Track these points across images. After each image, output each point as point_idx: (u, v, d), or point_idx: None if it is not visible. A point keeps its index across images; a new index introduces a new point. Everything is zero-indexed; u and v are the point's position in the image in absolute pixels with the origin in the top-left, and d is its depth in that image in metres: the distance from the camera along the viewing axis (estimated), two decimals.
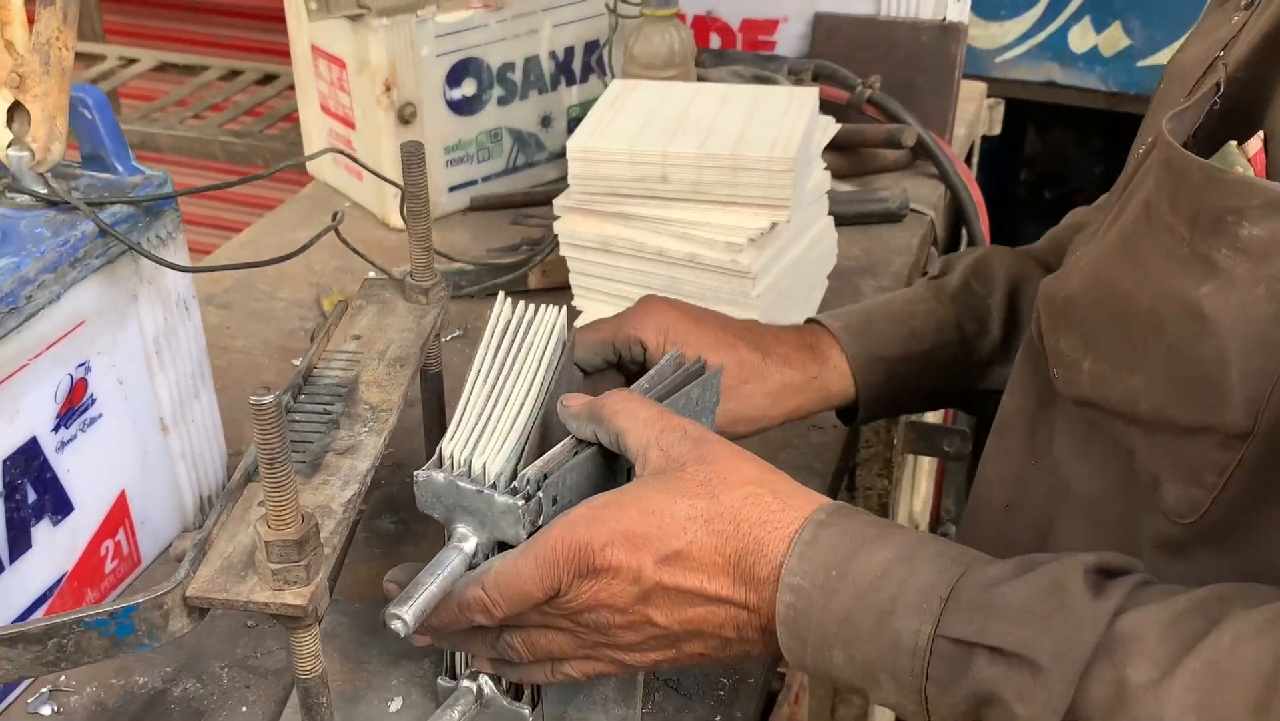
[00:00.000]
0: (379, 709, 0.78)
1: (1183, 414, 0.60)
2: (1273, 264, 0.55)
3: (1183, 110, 0.61)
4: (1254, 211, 0.55)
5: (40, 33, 0.77)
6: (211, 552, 0.64)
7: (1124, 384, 0.63)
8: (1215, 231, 0.57)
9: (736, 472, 0.67)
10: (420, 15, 1.31)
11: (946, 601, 0.59)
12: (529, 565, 0.66)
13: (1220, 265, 0.57)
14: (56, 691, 0.81)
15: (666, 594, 0.65)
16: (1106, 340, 0.65)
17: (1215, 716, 0.50)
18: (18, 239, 0.77)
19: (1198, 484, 0.60)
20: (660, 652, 0.68)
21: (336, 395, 0.75)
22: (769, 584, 0.64)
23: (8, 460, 0.77)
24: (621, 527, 0.65)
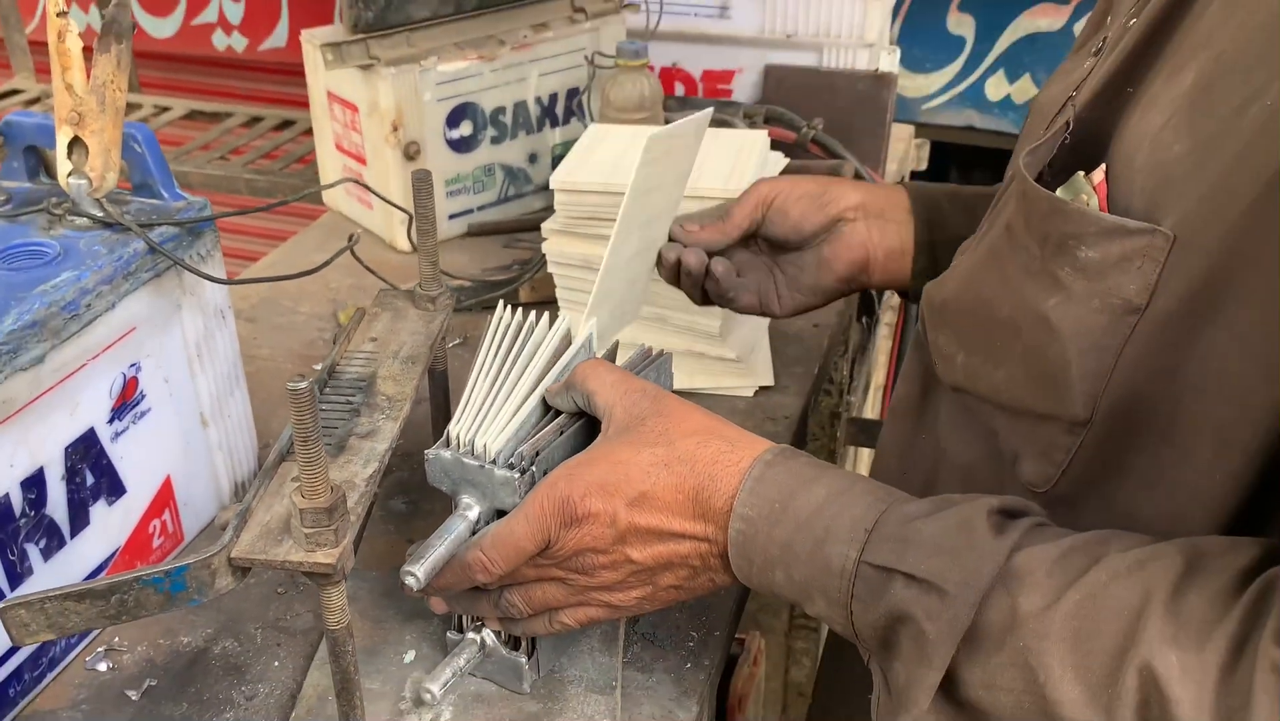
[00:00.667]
0: (395, 660, 0.79)
1: (1037, 404, 0.62)
2: (1105, 281, 0.57)
3: (1038, 145, 0.63)
4: (1090, 237, 0.57)
5: (97, 76, 0.78)
6: (252, 521, 0.65)
7: (989, 377, 0.66)
8: (1059, 252, 0.59)
9: (688, 421, 0.70)
10: (423, 65, 1.33)
11: (871, 532, 0.61)
12: (520, 523, 0.69)
13: (1063, 281, 0.59)
14: (111, 650, 0.82)
15: (639, 532, 0.68)
16: (975, 339, 0.67)
17: (1090, 642, 0.52)
18: (78, 255, 0.78)
19: (1049, 461, 0.62)
20: (640, 589, 0.70)
21: (357, 388, 0.76)
22: (723, 514, 0.66)
23: (69, 447, 0.78)
24: (595, 479, 0.68)
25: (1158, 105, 0.57)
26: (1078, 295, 0.58)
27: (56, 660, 0.80)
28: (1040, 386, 0.61)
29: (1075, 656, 0.52)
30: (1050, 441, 0.62)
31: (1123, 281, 0.56)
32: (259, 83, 2.64)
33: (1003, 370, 0.64)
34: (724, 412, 1.08)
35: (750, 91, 1.64)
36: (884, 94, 1.56)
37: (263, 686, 0.79)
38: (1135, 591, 0.52)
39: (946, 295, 0.72)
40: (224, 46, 2.61)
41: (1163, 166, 0.55)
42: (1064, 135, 0.62)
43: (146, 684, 0.79)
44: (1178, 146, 0.55)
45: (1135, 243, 0.55)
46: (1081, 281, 0.58)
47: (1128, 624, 0.51)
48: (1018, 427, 0.64)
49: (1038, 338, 0.60)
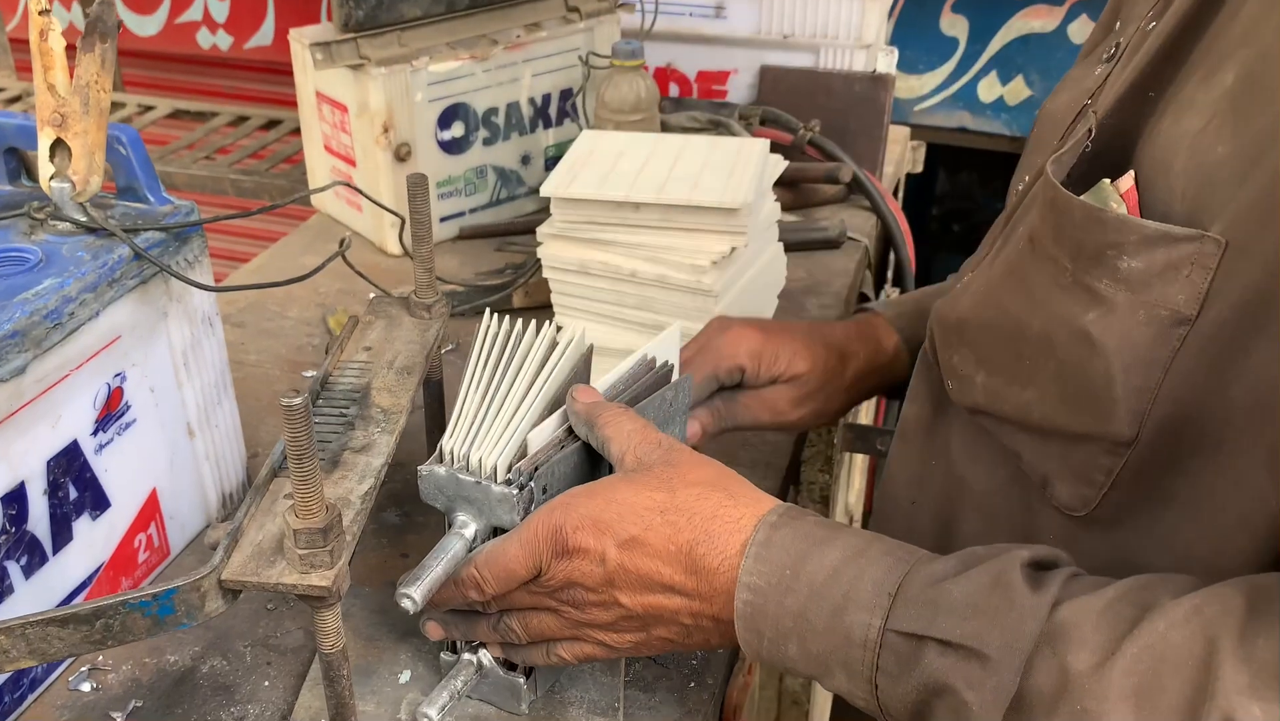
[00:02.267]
0: (390, 680, 0.77)
1: (1072, 423, 0.59)
2: (1150, 292, 0.55)
3: (1061, 154, 0.60)
4: (1131, 246, 0.55)
5: (80, 76, 0.76)
6: (243, 540, 0.62)
7: (1016, 397, 0.62)
8: (1096, 264, 0.56)
9: (694, 473, 0.67)
10: (414, 65, 1.30)
11: (895, 597, 0.57)
12: (514, 546, 0.66)
13: (1102, 294, 0.56)
14: (95, 670, 0.79)
15: (628, 576, 0.65)
16: (998, 358, 0.64)
17: (1156, 698, 0.49)
18: (60, 262, 0.76)
19: (1087, 483, 0.59)
20: (634, 635, 0.67)
21: (351, 400, 0.74)
22: (718, 574, 0.63)
23: (51, 461, 0.75)
24: (589, 513, 0.65)
25: (1194, 108, 0.55)
26: (1120, 308, 0.56)
27: (38, 681, 0.77)
28: (1077, 405, 0.58)
29: (1142, 715, 0.49)
30: (1089, 462, 0.59)
31: (1170, 291, 0.54)
32: (245, 81, 2.61)
33: (1031, 390, 0.61)
34: None
35: (746, 93, 1.62)
36: (881, 95, 1.55)
37: (252, 707, 0.76)
38: (1198, 639, 0.49)
39: (963, 313, 0.69)
40: (209, 45, 2.58)
41: (1205, 170, 0.53)
42: (1086, 143, 0.60)
43: (132, 705, 0.77)
44: (1221, 148, 0.52)
45: (1182, 250, 0.53)
46: (1124, 293, 0.55)
47: (1196, 675, 0.48)
48: (1048, 450, 0.62)
49: (1075, 354, 0.58)
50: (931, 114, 2.59)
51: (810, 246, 1.39)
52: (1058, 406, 0.60)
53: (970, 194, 3.08)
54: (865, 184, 1.48)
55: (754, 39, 1.59)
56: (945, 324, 0.71)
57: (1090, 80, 0.68)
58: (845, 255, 1.40)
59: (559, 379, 0.73)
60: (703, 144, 1.16)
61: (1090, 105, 0.66)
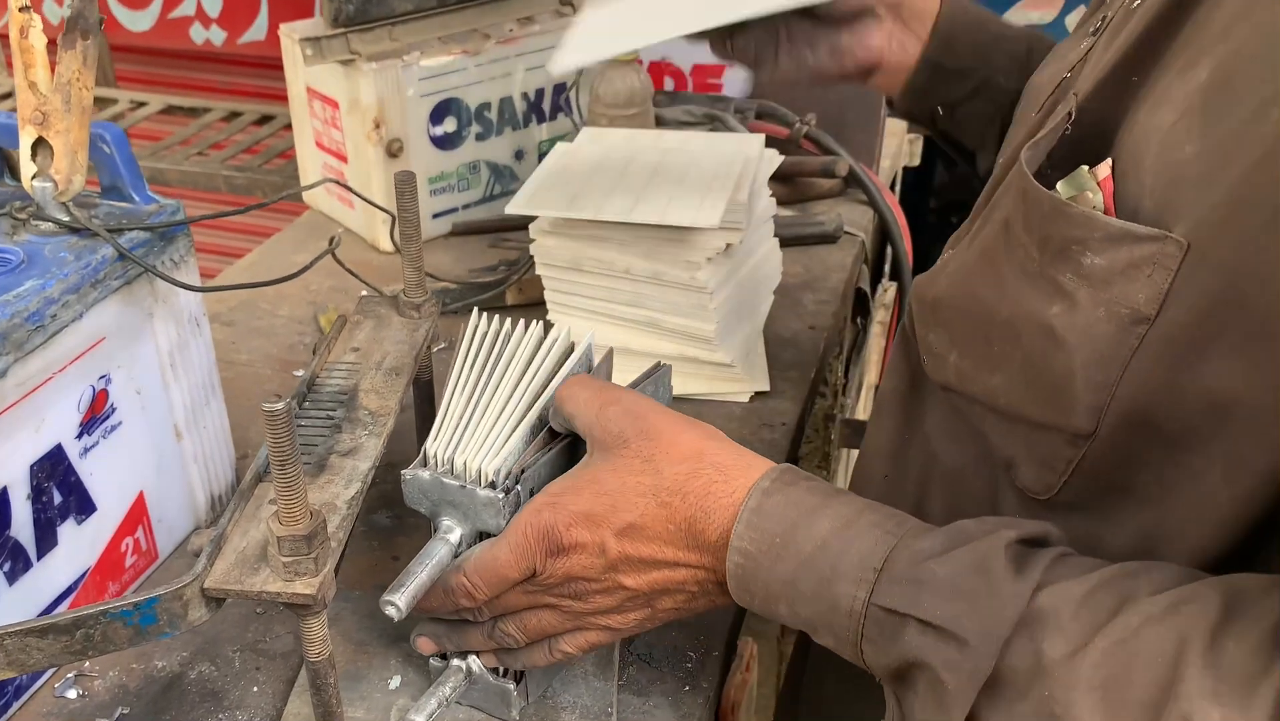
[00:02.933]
0: (379, 686, 0.75)
1: (1036, 412, 0.59)
2: (1111, 290, 0.54)
3: (1039, 139, 0.59)
4: (1095, 243, 0.54)
5: (62, 74, 0.75)
6: (227, 547, 0.61)
7: (984, 380, 0.62)
8: (1061, 257, 0.56)
9: (677, 447, 0.66)
10: (406, 60, 1.29)
11: (880, 572, 0.57)
12: (504, 550, 0.66)
13: (1066, 288, 0.55)
14: (81, 676, 0.78)
15: (631, 561, 0.65)
16: (969, 341, 0.64)
17: (1122, 692, 0.49)
18: (43, 263, 0.74)
19: (1049, 469, 0.59)
20: (639, 612, 0.67)
21: (338, 402, 0.73)
22: (719, 546, 0.63)
23: (35, 465, 0.74)
24: (580, 508, 0.65)
25: (1169, 100, 0.53)
26: (1082, 303, 0.55)
27: (23, 688, 0.76)
28: (1040, 395, 0.58)
29: (1106, 707, 0.49)
30: (1051, 451, 0.59)
31: (1131, 290, 0.53)
32: (238, 76, 2.59)
33: (999, 375, 0.61)
34: (720, 420, 1.06)
35: (741, 86, 1.61)
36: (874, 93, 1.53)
37: (241, 714, 0.75)
38: (1170, 638, 0.49)
39: (939, 293, 0.68)
40: (202, 40, 2.56)
41: (1173, 168, 0.52)
42: (1065, 126, 0.58)
43: (119, 712, 0.75)
44: (1189, 147, 0.51)
45: (1145, 249, 0.52)
46: (1086, 289, 0.55)
47: (1163, 674, 0.48)
48: (1014, 433, 0.61)
49: (1039, 346, 0.57)
50: None
51: (807, 241, 1.38)
52: (1023, 394, 0.59)
53: (969, 186, 3.06)
54: (862, 178, 1.47)
55: None
56: (923, 301, 0.70)
57: (1074, 54, 0.67)
58: (842, 250, 1.39)
59: (545, 378, 0.72)
60: (684, 153, 1.12)
61: (1069, 79, 0.64)
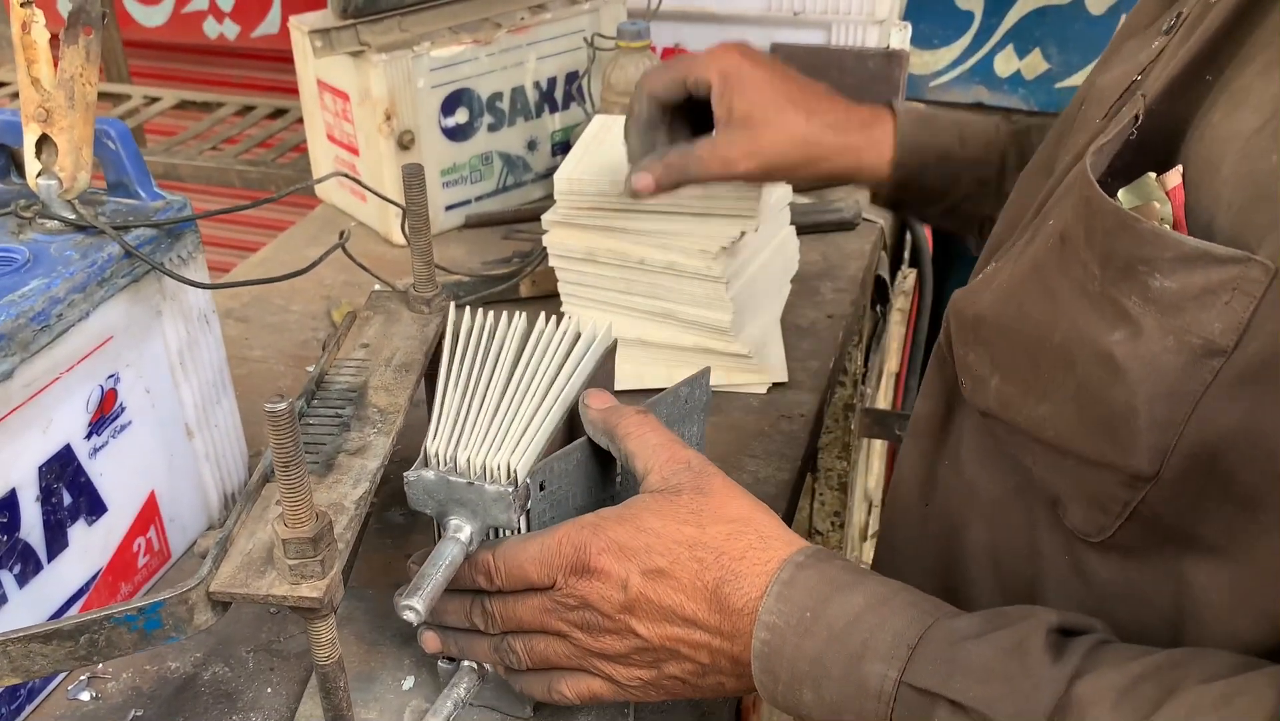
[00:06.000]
0: (393, 687, 0.74)
1: (1089, 448, 0.54)
2: (1182, 317, 0.48)
3: (1104, 143, 0.54)
4: (1165, 264, 0.49)
5: (65, 69, 0.73)
6: (233, 550, 0.60)
7: (1030, 409, 0.57)
8: (1126, 277, 0.50)
9: (726, 508, 0.64)
10: (416, 50, 1.27)
11: (914, 650, 0.54)
12: (535, 548, 0.64)
13: (1130, 313, 0.50)
14: (94, 678, 0.77)
15: (649, 606, 0.62)
16: (1015, 364, 0.59)
17: None
18: (48, 261, 0.74)
19: (1102, 510, 0.55)
20: (644, 670, 0.64)
21: (347, 399, 0.71)
22: (743, 614, 0.60)
23: (43, 466, 0.73)
24: (616, 538, 0.63)
25: (1250, 102, 0.49)
26: (1148, 330, 0.50)
27: (36, 691, 0.76)
28: (1096, 430, 0.53)
29: None
30: (1104, 491, 0.54)
31: (1205, 318, 0.48)
32: (252, 70, 2.58)
33: (1047, 404, 0.56)
34: (738, 411, 1.05)
35: None
36: (895, 72, 1.51)
37: (255, 715, 0.74)
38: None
39: (981, 309, 0.63)
40: (215, 34, 2.56)
41: (1257, 180, 0.47)
42: (1131, 129, 0.53)
43: (132, 714, 0.75)
44: (1277, 156, 0.47)
45: (1223, 273, 0.47)
46: (1153, 315, 0.50)
47: None
48: (1061, 468, 0.57)
49: (1096, 375, 0.52)
50: (947, 89, 2.54)
51: (824, 229, 1.36)
52: (1074, 427, 0.55)
53: None
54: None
55: (764, 16, 1.55)
56: (962, 318, 0.65)
57: (1145, 54, 0.62)
58: (860, 237, 1.37)
59: (553, 372, 0.71)
60: None
61: (1138, 82, 0.60)
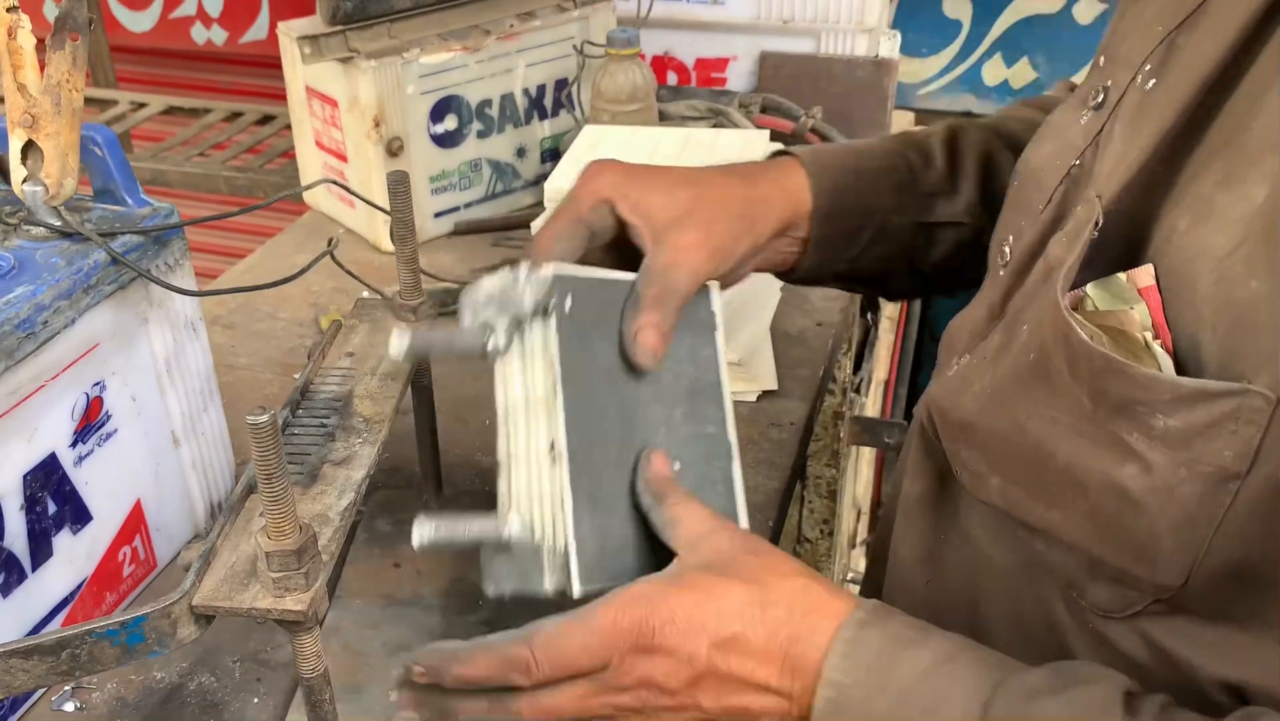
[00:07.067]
0: (381, 698, 0.74)
1: (1112, 558, 0.54)
2: (1191, 450, 0.49)
3: (1069, 265, 0.53)
4: (1164, 405, 0.49)
5: (51, 75, 0.73)
6: (216, 562, 0.60)
7: (1040, 512, 0.57)
8: (1124, 415, 0.51)
9: (785, 565, 0.60)
10: (405, 57, 1.27)
11: (988, 706, 0.52)
12: (584, 631, 0.57)
13: (1136, 449, 0.50)
14: (79, 689, 0.77)
15: (720, 679, 0.57)
16: (1017, 472, 0.58)
17: None
18: (34, 268, 0.73)
19: (1123, 595, 0.55)
20: None
21: (332, 409, 0.71)
22: (809, 673, 0.57)
23: (28, 475, 0.72)
24: (682, 609, 0.57)
25: (1215, 217, 0.49)
26: (1158, 465, 0.50)
27: (19, 703, 0.75)
28: (1118, 547, 0.53)
29: None
30: (1129, 587, 0.54)
31: (1214, 448, 0.48)
32: (240, 76, 2.58)
33: (1058, 511, 0.55)
34: None
35: (746, 80, 1.59)
36: (884, 80, 1.52)
37: None
38: None
39: (967, 416, 0.62)
40: (203, 40, 2.55)
41: (1239, 306, 0.47)
42: (1093, 234, 0.53)
43: None
44: (1256, 283, 0.47)
45: (1225, 405, 0.47)
46: (1161, 450, 0.49)
47: None
48: (1077, 561, 0.56)
49: (1112, 504, 0.52)
50: (936, 98, 2.56)
51: None
52: (1093, 538, 0.54)
53: None
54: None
55: (753, 24, 1.56)
56: (947, 420, 0.64)
57: (1075, 131, 0.61)
58: None
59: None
60: (704, 137, 1.14)
61: (1079, 168, 0.60)
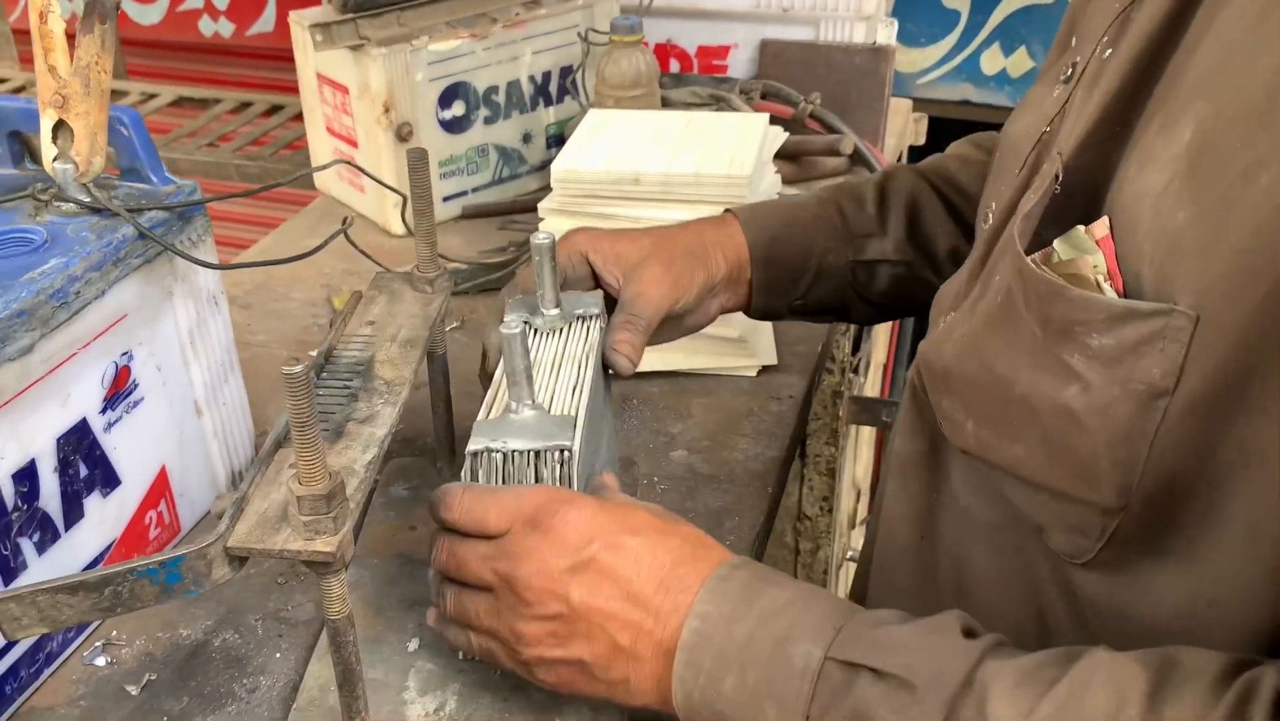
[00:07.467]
0: (399, 649, 0.77)
1: (1063, 485, 0.58)
2: (1124, 368, 0.53)
3: (1029, 211, 0.59)
4: (1099, 324, 0.53)
5: (81, 58, 0.77)
6: (249, 509, 0.63)
7: (1006, 450, 0.61)
8: (1066, 337, 0.55)
9: (694, 532, 0.68)
10: (414, 44, 1.31)
11: (840, 630, 0.58)
12: (502, 495, 0.67)
13: (1076, 369, 0.54)
14: (109, 645, 0.81)
15: (597, 575, 0.64)
16: (986, 410, 0.63)
17: None
18: (66, 242, 0.77)
19: (1082, 535, 0.59)
20: (549, 649, 0.65)
21: (355, 372, 0.75)
22: (686, 592, 0.63)
23: (61, 439, 0.76)
24: (588, 511, 0.65)
25: (1155, 161, 0.53)
26: (1096, 384, 0.54)
27: (54, 655, 0.79)
28: (1067, 471, 0.57)
29: None
30: (1082, 520, 0.58)
31: (1144, 366, 0.52)
32: (247, 69, 2.61)
33: (1019, 446, 0.60)
34: (729, 393, 1.08)
35: (746, 67, 1.62)
36: (882, 67, 1.55)
37: (264, 679, 0.77)
38: (1109, 701, 0.50)
39: (947, 362, 0.67)
40: (210, 32, 2.59)
41: (1169, 235, 0.51)
42: (1054, 187, 0.58)
43: (146, 678, 0.78)
44: (1182, 214, 0.51)
45: (1152, 325, 0.51)
46: (1098, 369, 0.54)
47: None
48: (1040, 501, 0.61)
49: (1059, 425, 0.56)
50: (934, 87, 2.58)
51: None
52: (1047, 468, 0.59)
53: None
54: (867, 156, 1.48)
55: (754, 13, 1.59)
56: (932, 370, 0.69)
57: (1049, 103, 0.66)
58: None
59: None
60: (706, 120, 1.17)
61: (1049, 134, 0.64)
